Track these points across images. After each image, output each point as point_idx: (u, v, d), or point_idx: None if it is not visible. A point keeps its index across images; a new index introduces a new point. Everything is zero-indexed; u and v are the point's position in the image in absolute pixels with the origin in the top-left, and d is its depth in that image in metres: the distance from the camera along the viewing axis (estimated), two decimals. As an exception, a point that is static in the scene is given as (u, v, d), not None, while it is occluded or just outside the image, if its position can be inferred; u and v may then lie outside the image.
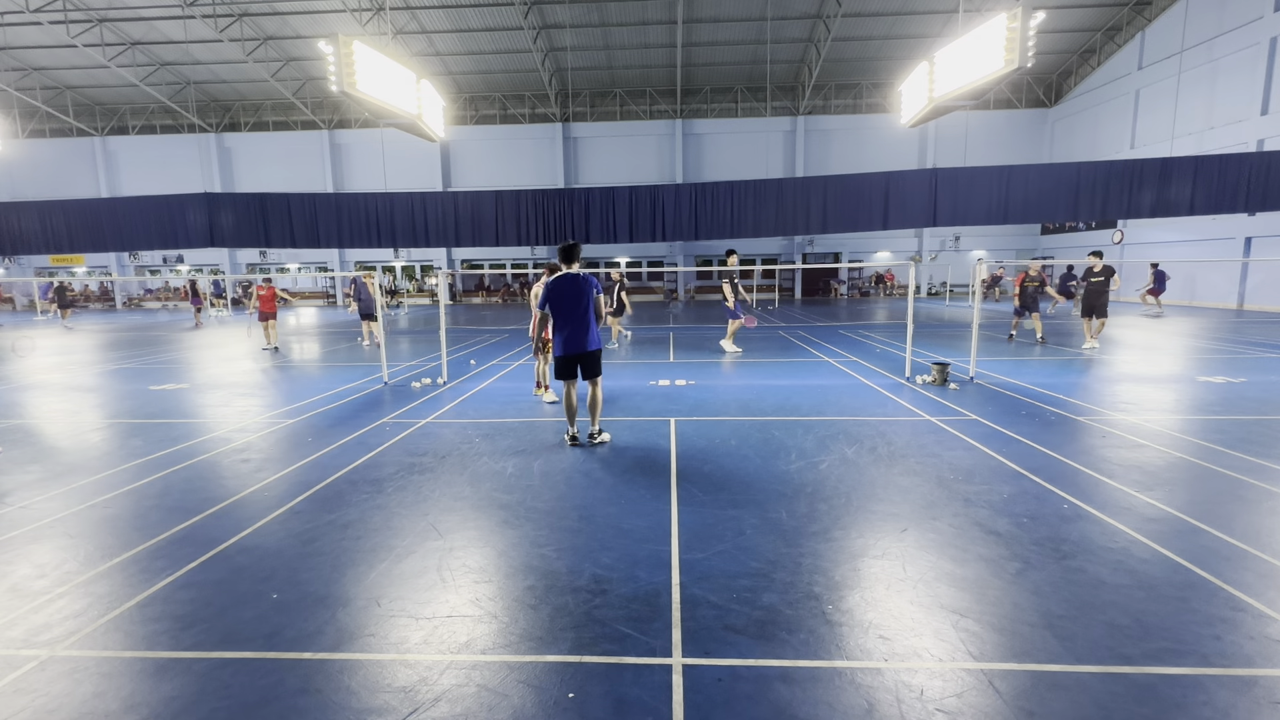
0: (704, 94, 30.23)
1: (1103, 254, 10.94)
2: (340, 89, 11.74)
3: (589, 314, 5.28)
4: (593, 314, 5.32)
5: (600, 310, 5.39)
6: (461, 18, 24.32)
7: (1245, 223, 19.83)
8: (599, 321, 5.42)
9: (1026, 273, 11.72)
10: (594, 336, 5.34)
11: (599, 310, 5.38)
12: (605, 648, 2.53)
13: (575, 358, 5.34)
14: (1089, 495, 4.09)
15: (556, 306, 5.28)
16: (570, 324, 5.26)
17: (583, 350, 5.30)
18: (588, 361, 5.37)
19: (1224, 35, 20.60)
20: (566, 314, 5.26)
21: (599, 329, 5.45)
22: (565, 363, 5.36)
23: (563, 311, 5.27)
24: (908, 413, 6.49)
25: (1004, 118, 29.79)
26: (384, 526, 3.77)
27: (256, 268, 32.99)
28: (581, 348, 5.30)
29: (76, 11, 23.48)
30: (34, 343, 14.87)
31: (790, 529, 3.64)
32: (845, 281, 32.65)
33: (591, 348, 5.33)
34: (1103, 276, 10.59)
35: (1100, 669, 2.35)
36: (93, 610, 2.89)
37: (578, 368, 5.38)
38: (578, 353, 5.31)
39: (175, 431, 6.18)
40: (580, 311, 5.25)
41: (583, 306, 5.25)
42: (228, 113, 31.72)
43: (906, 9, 23.79)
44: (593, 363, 5.39)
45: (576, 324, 5.26)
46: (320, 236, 17.12)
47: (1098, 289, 10.63)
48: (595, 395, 5.50)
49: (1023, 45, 11.21)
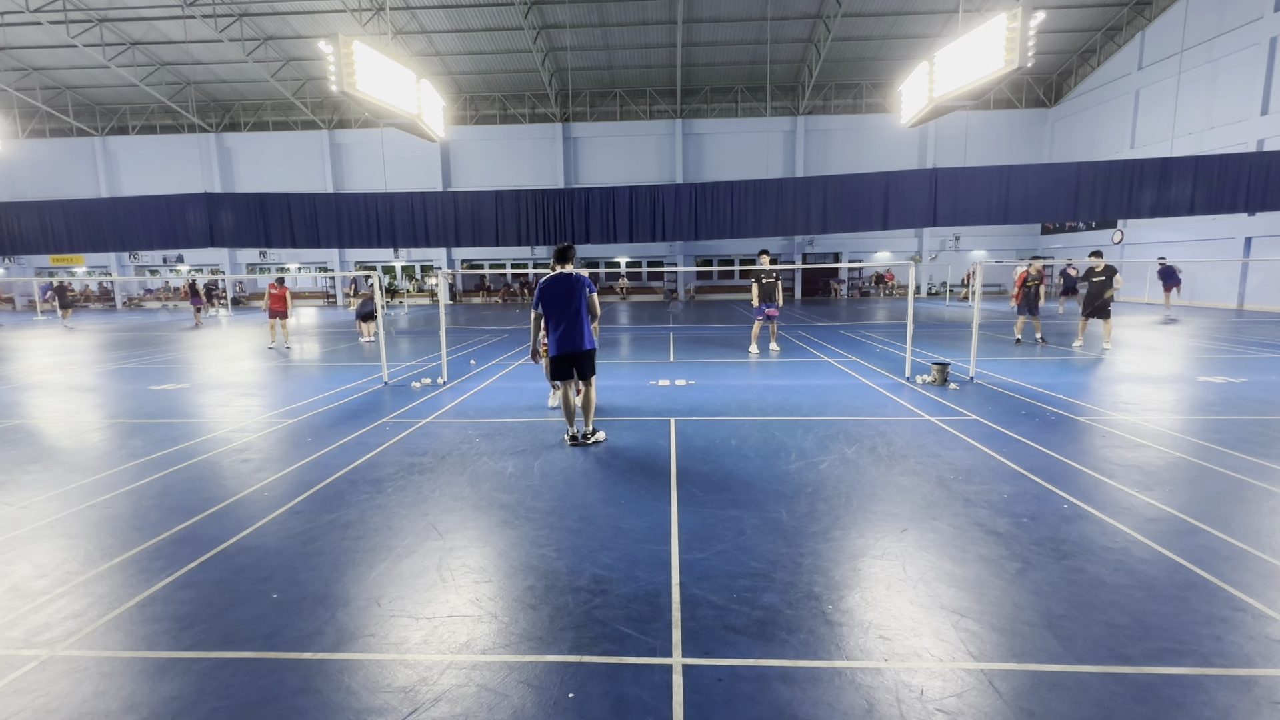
0: (704, 94, 30.24)
1: (1103, 254, 10.90)
2: (340, 89, 11.73)
3: (581, 313, 5.30)
4: (585, 313, 5.34)
5: (595, 309, 5.41)
6: (461, 18, 24.33)
7: (1245, 223, 19.83)
8: (593, 321, 5.44)
9: (1027, 272, 11.62)
10: (587, 336, 5.35)
11: (593, 310, 5.39)
12: (605, 648, 2.53)
13: (569, 357, 5.35)
14: (1089, 495, 4.09)
15: (549, 307, 5.32)
16: (563, 324, 5.29)
17: (576, 349, 5.32)
18: (581, 361, 5.38)
19: (1224, 35, 20.60)
20: (559, 314, 5.30)
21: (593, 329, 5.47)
22: (560, 362, 5.39)
23: (555, 311, 5.31)
24: (908, 413, 6.49)
25: (1004, 118, 29.79)
26: (384, 526, 3.77)
27: (257, 268, 33.00)
28: (575, 347, 5.31)
29: (76, 11, 23.48)
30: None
31: (790, 529, 3.64)
32: (845, 281, 32.66)
33: (585, 347, 5.34)
34: (1104, 276, 10.52)
35: (1100, 669, 2.35)
36: (93, 610, 2.89)
37: (573, 368, 5.40)
38: (571, 352, 5.33)
39: (175, 431, 6.18)
40: (572, 311, 5.28)
41: (574, 306, 5.27)
42: (228, 113, 31.72)
43: (906, 9, 23.79)
44: (586, 362, 5.40)
45: (569, 323, 5.28)
46: (320, 236, 17.10)
47: (1099, 289, 10.60)
48: (588, 395, 5.51)
49: (1023, 45, 11.20)
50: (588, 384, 5.50)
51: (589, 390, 5.51)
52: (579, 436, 5.48)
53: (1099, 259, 10.68)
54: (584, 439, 5.47)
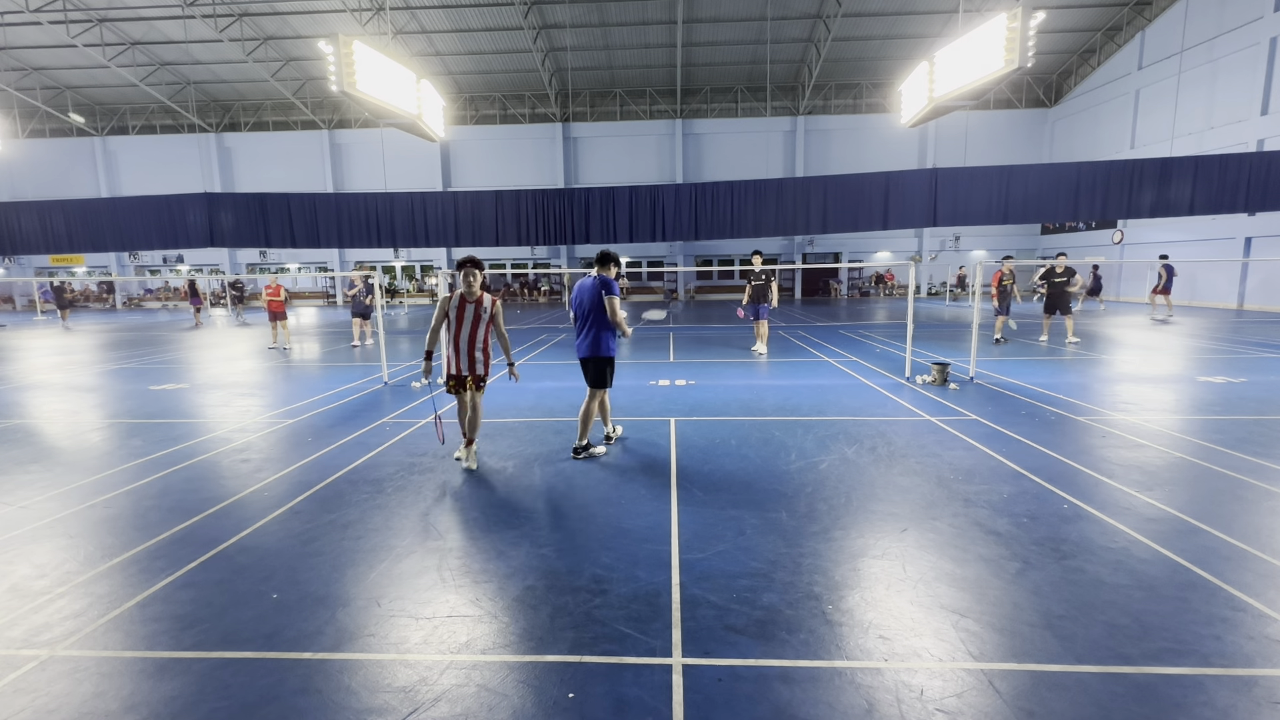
0: (704, 94, 30.23)
1: (1067, 254, 12.00)
2: (340, 89, 11.73)
3: (596, 317, 4.98)
4: (600, 318, 4.97)
5: (612, 315, 4.94)
6: (461, 18, 24.33)
7: (1245, 223, 19.82)
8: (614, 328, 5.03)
9: (1001, 271, 12.04)
10: (602, 342, 4.99)
11: (612, 315, 4.93)
12: (605, 648, 2.53)
13: (582, 362, 5.13)
14: (1089, 495, 4.09)
15: (575, 309, 5.12)
16: (581, 327, 5.07)
17: (586, 355, 5.07)
18: (589, 367, 5.09)
19: (1224, 35, 20.60)
20: (579, 317, 5.09)
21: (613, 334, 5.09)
22: (582, 366, 5.16)
23: (577, 314, 5.10)
24: (908, 413, 6.49)
25: (1004, 118, 29.79)
26: (384, 526, 3.77)
27: (257, 267, 33.00)
28: (585, 352, 5.07)
29: (76, 11, 23.48)
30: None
31: (790, 529, 3.64)
32: (845, 281, 32.66)
33: (597, 354, 5.01)
34: (1064, 277, 11.61)
35: (1100, 669, 2.35)
36: (93, 610, 2.89)
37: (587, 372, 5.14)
38: (583, 357, 5.10)
39: (175, 431, 6.18)
40: (588, 315, 5.00)
41: (589, 309, 4.98)
42: (228, 113, 31.72)
43: (906, 9, 23.79)
44: (594, 369, 5.06)
45: (583, 327, 5.05)
46: (320, 236, 17.11)
47: (1060, 289, 11.64)
48: (589, 406, 5.13)
49: (1023, 45, 11.21)
50: (590, 394, 5.14)
51: (588, 401, 5.14)
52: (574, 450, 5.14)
53: (1064, 259, 11.69)
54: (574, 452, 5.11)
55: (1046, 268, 11.84)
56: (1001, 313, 12.22)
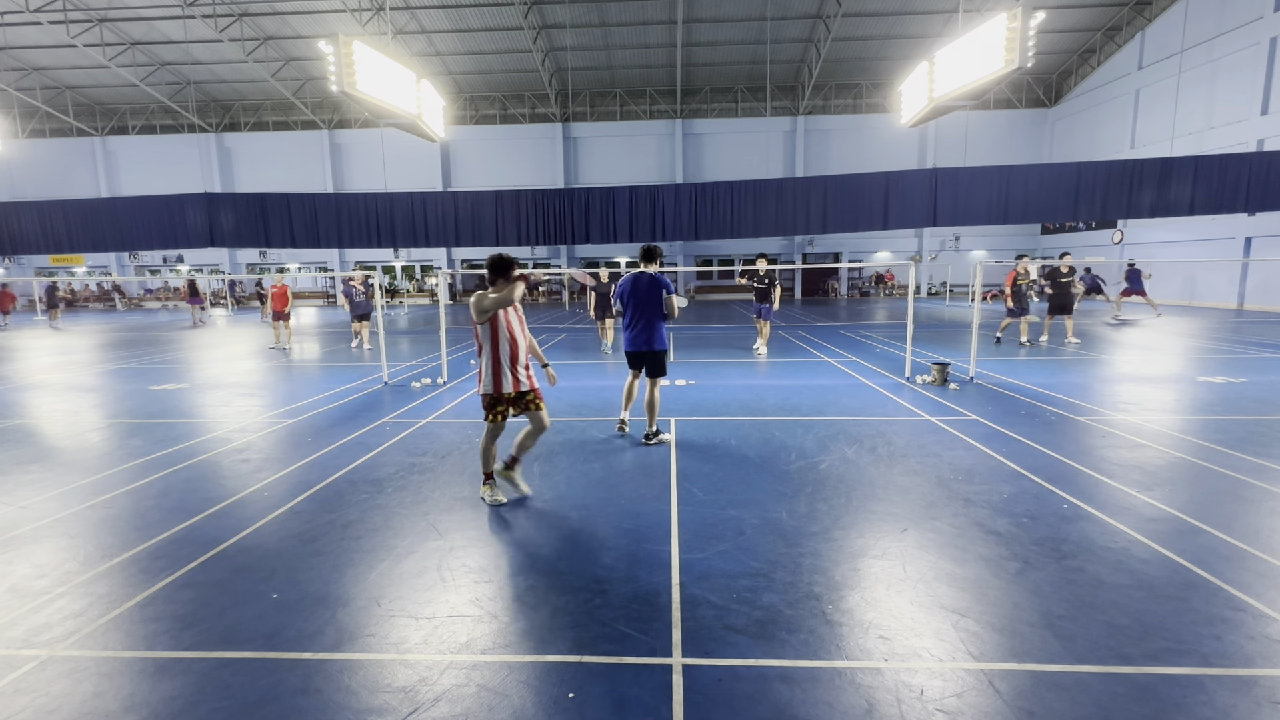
0: (704, 94, 30.24)
1: (1070, 254, 11.90)
2: (340, 89, 11.73)
3: (657, 313, 5.39)
4: (660, 313, 5.40)
5: (672, 311, 5.40)
6: (461, 18, 24.33)
7: (1245, 223, 19.82)
8: (669, 320, 5.49)
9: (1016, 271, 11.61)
10: (659, 336, 5.45)
11: (670, 310, 5.39)
12: (605, 648, 2.53)
13: (641, 355, 5.51)
14: (1089, 495, 4.09)
15: (627, 303, 5.48)
16: (640, 321, 5.43)
17: (649, 348, 5.45)
18: (649, 360, 5.50)
19: (1224, 35, 20.61)
20: (635, 311, 5.44)
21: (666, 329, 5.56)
22: (632, 358, 5.58)
23: (631, 308, 5.45)
24: (908, 413, 6.49)
25: (1004, 118, 29.79)
26: (384, 526, 3.77)
27: (257, 267, 33.00)
28: (648, 345, 5.44)
29: (76, 11, 23.48)
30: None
31: (790, 529, 3.64)
32: (845, 281, 32.66)
33: (657, 347, 5.45)
34: (1070, 277, 11.65)
35: (1100, 669, 2.35)
36: (93, 610, 2.88)
37: (643, 365, 5.56)
38: (642, 350, 5.47)
39: (175, 431, 6.18)
40: (649, 310, 5.38)
41: (652, 305, 5.37)
42: (228, 113, 31.72)
43: (906, 9, 23.80)
44: (655, 361, 5.50)
45: (645, 322, 5.42)
46: (320, 236, 17.12)
47: (1066, 289, 11.62)
48: (652, 395, 5.53)
49: (1023, 45, 11.20)
50: (652, 384, 5.54)
51: (652, 390, 5.52)
52: (645, 436, 5.52)
53: (1069, 258, 11.59)
54: (645, 439, 5.49)
55: (1052, 268, 11.72)
56: (1015, 314, 11.58)
